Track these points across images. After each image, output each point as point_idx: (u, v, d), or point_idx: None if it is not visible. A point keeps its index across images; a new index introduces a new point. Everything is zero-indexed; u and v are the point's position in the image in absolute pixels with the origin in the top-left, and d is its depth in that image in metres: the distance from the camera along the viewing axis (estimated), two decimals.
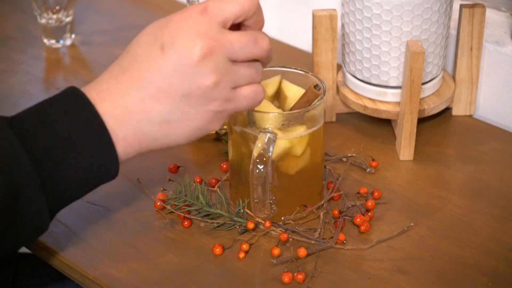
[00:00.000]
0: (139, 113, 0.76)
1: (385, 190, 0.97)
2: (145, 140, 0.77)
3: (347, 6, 1.03)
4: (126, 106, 0.76)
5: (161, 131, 0.77)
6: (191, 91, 0.75)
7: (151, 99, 0.75)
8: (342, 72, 1.11)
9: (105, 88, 0.76)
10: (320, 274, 0.85)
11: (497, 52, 1.09)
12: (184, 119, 0.76)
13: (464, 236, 0.90)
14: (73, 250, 0.88)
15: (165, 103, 0.75)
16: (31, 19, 1.35)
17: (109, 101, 0.76)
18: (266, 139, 0.85)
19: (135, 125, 0.76)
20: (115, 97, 0.76)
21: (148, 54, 0.76)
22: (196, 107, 0.76)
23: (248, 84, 0.78)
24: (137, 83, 0.75)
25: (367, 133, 1.08)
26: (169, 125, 0.76)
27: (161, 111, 0.76)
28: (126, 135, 0.76)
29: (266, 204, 0.87)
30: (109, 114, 0.75)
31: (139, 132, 0.76)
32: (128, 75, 0.76)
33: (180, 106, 0.76)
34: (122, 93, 0.76)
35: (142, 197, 0.96)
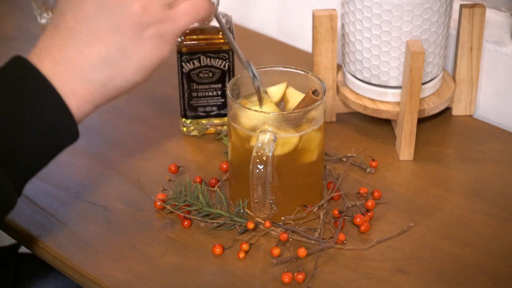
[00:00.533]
0: (80, 63, 0.74)
1: (385, 190, 0.97)
2: (95, 88, 0.75)
3: (347, 6, 1.03)
4: (65, 60, 0.74)
5: (107, 74, 0.75)
6: (119, 23, 0.74)
7: (85, 45, 0.74)
8: (342, 72, 1.11)
9: (43, 49, 0.75)
10: (320, 274, 0.85)
11: (497, 52, 1.09)
12: (124, 54, 0.75)
13: (464, 236, 0.90)
14: (73, 250, 0.88)
15: (99, 45, 0.74)
16: (31, 19, 1.35)
17: (49, 60, 0.74)
18: (266, 139, 0.85)
19: (79, 75, 0.74)
20: (53, 55, 0.74)
21: (71, 4, 0.75)
22: (131, 38, 0.74)
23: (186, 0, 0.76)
24: (69, 35, 0.74)
25: (367, 133, 1.08)
26: (112, 65, 0.75)
27: (99, 53, 0.74)
28: (74, 88, 0.74)
29: (266, 204, 0.87)
30: (51, 72, 0.74)
31: (85, 81, 0.74)
32: (59, 30, 0.75)
33: (115, 42, 0.74)
34: (58, 49, 0.74)
35: (142, 197, 0.96)
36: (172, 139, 1.07)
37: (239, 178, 0.93)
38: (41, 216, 0.93)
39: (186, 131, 1.07)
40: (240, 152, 0.91)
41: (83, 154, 1.04)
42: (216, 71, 1.03)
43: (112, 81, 0.75)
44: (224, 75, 1.04)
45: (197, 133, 1.07)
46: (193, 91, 1.04)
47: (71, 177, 0.99)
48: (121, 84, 0.76)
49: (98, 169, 1.01)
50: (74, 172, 1.00)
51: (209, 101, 1.05)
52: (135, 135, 1.08)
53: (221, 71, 1.03)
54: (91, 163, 1.02)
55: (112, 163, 1.02)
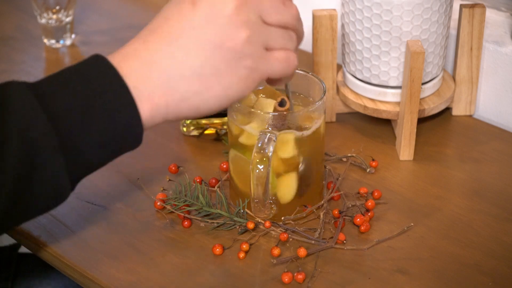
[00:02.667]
0: (169, 68, 0.72)
1: (385, 190, 0.97)
2: (174, 99, 0.73)
3: (347, 6, 1.03)
4: (154, 61, 0.72)
5: (192, 87, 0.73)
6: (223, 42, 0.72)
7: (181, 51, 0.72)
8: (342, 72, 1.11)
9: (131, 49, 0.73)
10: (320, 274, 0.85)
11: (497, 52, 1.09)
12: (216, 73, 0.73)
13: (464, 236, 0.90)
14: (73, 250, 0.88)
15: (196, 56, 0.72)
16: (31, 19, 1.35)
17: (135, 60, 0.72)
18: (266, 139, 0.85)
19: (164, 80, 0.72)
20: (142, 55, 0.72)
21: (178, 11, 0.73)
22: (228, 61, 0.73)
23: (282, 49, 0.77)
24: (166, 38, 0.73)
25: (367, 133, 1.08)
26: (200, 80, 0.73)
27: (192, 64, 0.72)
28: (153, 92, 0.72)
29: (266, 204, 0.87)
30: (134, 72, 0.72)
31: (167, 88, 0.72)
32: (157, 33, 0.73)
33: (212, 59, 0.73)
34: (150, 51, 0.73)
35: (142, 197, 0.96)
36: (172, 139, 1.07)
37: (239, 178, 0.93)
38: (41, 216, 0.92)
39: (186, 131, 1.07)
40: (240, 152, 0.90)
41: None
42: None
43: (194, 97, 0.73)
44: None
45: (197, 133, 1.07)
46: None
47: None
48: (199, 104, 0.74)
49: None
50: None
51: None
52: None
53: None
54: None
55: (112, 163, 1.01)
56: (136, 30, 0.78)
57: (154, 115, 0.73)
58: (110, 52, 0.74)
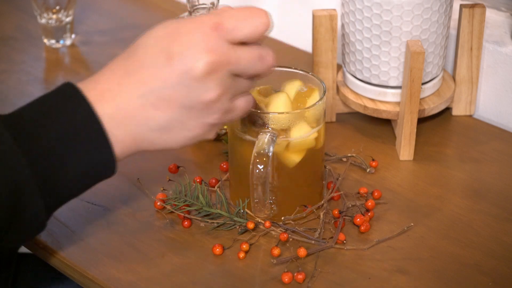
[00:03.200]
0: (139, 119, 0.76)
1: (385, 190, 0.97)
2: (142, 143, 0.78)
3: (347, 6, 1.03)
4: (126, 110, 0.75)
5: (159, 137, 0.77)
6: (193, 104, 0.75)
7: (152, 106, 0.75)
8: (342, 72, 1.11)
9: (106, 89, 0.76)
10: (320, 274, 0.85)
11: (497, 52, 1.09)
12: (182, 129, 0.77)
13: (464, 236, 0.90)
14: (73, 250, 0.88)
15: (165, 112, 0.76)
16: (31, 19, 1.35)
17: (110, 103, 0.75)
18: (266, 139, 0.85)
19: (133, 129, 0.76)
20: (116, 100, 0.75)
21: (155, 61, 0.75)
22: (196, 119, 0.77)
23: (242, 95, 0.79)
24: (140, 90, 0.75)
25: (367, 133, 1.08)
26: (168, 134, 0.77)
27: (160, 120, 0.76)
28: (124, 138, 0.76)
29: (266, 204, 0.87)
30: (108, 116, 0.75)
31: (136, 136, 0.77)
32: (131, 79, 0.76)
33: (180, 117, 0.76)
34: (123, 97, 0.75)
35: (142, 197, 0.96)
36: None
37: (239, 178, 0.93)
38: None
39: None
40: (240, 152, 0.90)
41: None
42: None
43: (161, 143, 0.78)
44: None
45: None
46: None
47: None
48: (165, 147, 0.79)
49: None
50: None
51: None
52: None
53: None
54: None
55: None
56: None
57: (125, 152, 0.78)
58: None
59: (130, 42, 0.78)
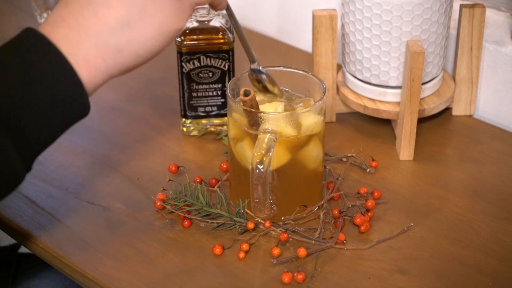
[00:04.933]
0: (95, 25, 0.71)
1: (385, 190, 0.97)
2: (109, 55, 0.72)
3: (347, 6, 1.03)
4: (80, 24, 0.71)
5: (123, 37, 0.72)
6: None
7: (103, 7, 0.72)
8: (342, 72, 1.11)
9: (57, 16, 0.73)
10: (320, 274, 0.85)
11: (497, 52, 1.09)
12: (144, 16, 0.73)
13: (464, 236, 0.90)
14: (73, 250, 0.88)
15: (119, 6, 0.72)
16: (31, 19, 1.35)
17: (62, 26, 0.72)
18: (266, 139, 0.85)
19: (93, 40, 0.71)
20: (68, 20, 0.72)
21: None
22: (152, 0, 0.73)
23: None
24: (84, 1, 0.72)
25: (367, 133, 1.08)
26: (130, 28, 0.72)
27: (117, 15, 0.72)
28: (87, 54, 0.71)
29: (266, 204, 0.87)
30: (64, 39, 0.71)
31: (100, 46, 0.72)
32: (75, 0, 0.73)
33: (135, 3, 0.72)
34: (74, 14, 0.72)
35: (142, 197, 0.96)
36: (172, 139, 1.07)
37: (239, 178, 0.93)
38: (41, 216, 0.93)
39: (186, 131, 1.07)
40: (240, 152, 0.90)
41: (83, 154, 1.04)
42: (216, 71, 1.03)
43: (128, 46, 0.73)
44: (224, 75, 1.04)
45: (197, 133, 1.07)
46: (193, 91, 1.04)
47: (71, 177, 0.99)
48: (137, 50, 0.74)
49: (98, 169, 1.01)
50: (74, 172, 1.00)
51: (209, 101, 1.05)
52: (135, 135, 1.08)
53: (221, 71, 1.03)
54: (91, 163, 1.02)
55: (112, 163, 1.02)
56: None
57: (95, 76, 0.72)
58: None
59: None
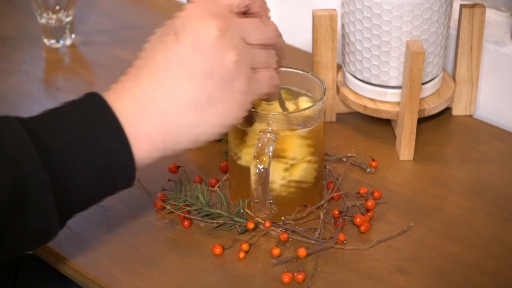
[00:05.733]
0: (163, 102, 0.72)
1: (385, 190, 0.97)
2: (171, 134, 0.73)
3: (347, 6, 1.03)
4: (147, 98, 0.72)
5: (189, 119, 0.73)
6: (214, 69, 0.72)
7: (173, 85, 0.72)
8: (342, 72, 1.11)
9: (122, 87, 0.73)
10: (320, 274, 0.85)
11: (497, 52, 1.09)
12: (211, 101, 0.73)
13: (464, 236, 0.90)
14: (73, 250, 0.88)
15: (189, 87, 0.72)
16: (31, 19, 1.35)
17: (129, 98, 0.72)
18: (266, 139, 0.85)
19: (159, 116, 0.72)
20: (135, 93, 0.72)
21: (163, 45, 0.73)
22: (221, 87, 0.73)
23: (265, 69, 0.77)
24: (157, 74, 0.73)
25: (367, 133, 1.08)
26: (196, 111, 0.73)
27: (186, 96, 0.72)
28: (149, 129, 0.72)
29: (266, 204, 0.87)
30: (129, 111, 0.72)
31: (163, 123, 0.72)
32: (146, 70, 0.73)
33: (205, 88, 0.73)
34: (141, 87, 0.72)
35: (142, 197, 0.96)
36: None
37: (239, 178, 0.93)
38: None
39: None
40: (240, 152, 0.90)
41: None
42: None
43: (190, 129, 0.74)
44: None
45: None
46: None
47: None
48: (197, 135, 0.74)
49: None
50: None
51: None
52: None
53: None
54: None
55: None
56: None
57: (151, 152, 0.73)
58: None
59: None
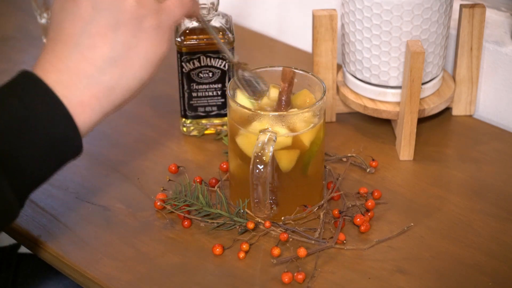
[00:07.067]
0: (84, 68, 0.74)
1: (385, 190, 0.97)
2: (103, 94, 0.75)
3: (347, 6, 1.03)
4: (69, 68, 0.74)
5: (114, 74, 0.75)
6: (119, 19, 0.74)
7: (88, 48, 0.74)
8: (342, 72, 1.11)
9: (45, 61, 0.75)
10: (320, 274, 0.85)
11: (497, 52, 1.09)
12: (128, 49, 0.75)
13: (464, 236, 0.90)
14: (73, 250, 0.88)
15: (102, 45, 0.74)
16: (31, 19, 1.35)
17: (53, 71, 0.74)
18: (266, 139, 0.85)
19: (85, 82, 0.74)
20: (57, 65, 0.74)
21: (65, 12, 0.75)
22: (132, 32, 0.75)
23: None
24: (70, 42, 0.74)
25: (367, 133, 1.08)
26: (118, 63, 0.75)
27: (103, 54, 0.74)
28: (81, 97, 0.74)
29: (266, 204, 0.87)
30: (57, 83, 0.73)
31: (92, 87, 0.74)
32: (58, 41, 0.75)
33: (118, 39, 0.74)
34: (61, 59, 0.74)
35: (142, 197, 0.96)
36: (172, 139, 1.07)
37: (239, 178, 0.93)
38: (41, 216, 0.93)
39: (186, 131, 1.07)
40: (240, 152, 0.90)
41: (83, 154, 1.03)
42: (216, 71, 1.03)
43: (120, 81, 0.75)
44: (224, 75, 1.04)
45: (197, 133, 1.07)
46: (193, 91, 1.04)
47: (71, 177, 0.99)
48: (129, 83, 0.76)
49: (98, 169, 1.01)
50: (74, 172, 1.00)
51: (209, 101, 1.05)
52: (135, 135, 1.08)
53: (221, 71, 1.03)
54: (91, 163, 1.02)
55: (112, 163, 1.02)
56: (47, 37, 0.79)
57: (91, 116, 0.75)
58: None
59: None
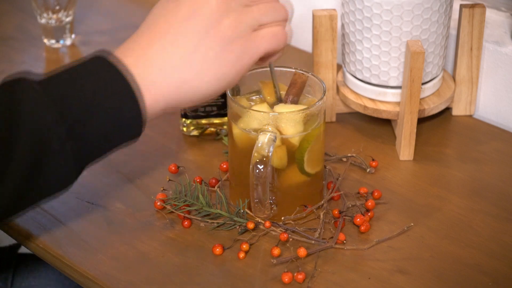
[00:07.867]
0: (161, 60, 0.77)
1: (385, 190, 0.97)
2: (170, 87, 0.77)
3: (347, 6, 1.03)
4: (147, 57, 0.77)
5: (184, 75, 0.77)
6: (208, 31, 0.77)
7: (171, 44, 0.77)
8: (342, 72, 1.11)
9: (127, 49, 0.78)
10: (320, 274, 0.85)
11: (497, 52, 1.09)
12: (205, 61, 0.77)
13: (464, 236, 0.90)
14: (73, 250, 0.88)
15: (185, 45, 0.77)
16: (31, 19, 1.35)
17: (131, 56, 0.77)
18: (266, 139, 0.85)
19: (158, 72, 0.76)
20: (136, 53, 0.77)
21: (164, 10, 0.78)
22: (215, 48, 0.78)
23: (270, 25, 0.81)
24: (157, 35, 0.77)
25: (367, 133, 1.08)
26: (191, 67, 0.77)
27: (182, 54, 0.77)
28: (150, 84, 0.76)
29: (266, 204, 0.87)
30: (131, 68, 0.76)
31: (162, 79, 0.77)
32: (148, 33, 0.78)
33: (199, 47, 0.77)
34: (143, 49, 0.77)
35: (142, 197, 0.96)
36: (172, 139, 1.07)
37: (239, 178, 0.93)
38: (41, 216, 0.93)
39: (186, 131, 1.07)
40: (240, 152, 0.90)
41: None
42: None
43: (187, 84, 0.78)
44: None
45: (197, 133, 1.07)
46: None
47: None
48: (194, 90, 0.78)
49: (98, 169, 1.00)
50: None
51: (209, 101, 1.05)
52: None
53: None
54: None
55: (112, 163, 1.02)
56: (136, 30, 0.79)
57: (155, 105, 0.77)
58: None
59: None
